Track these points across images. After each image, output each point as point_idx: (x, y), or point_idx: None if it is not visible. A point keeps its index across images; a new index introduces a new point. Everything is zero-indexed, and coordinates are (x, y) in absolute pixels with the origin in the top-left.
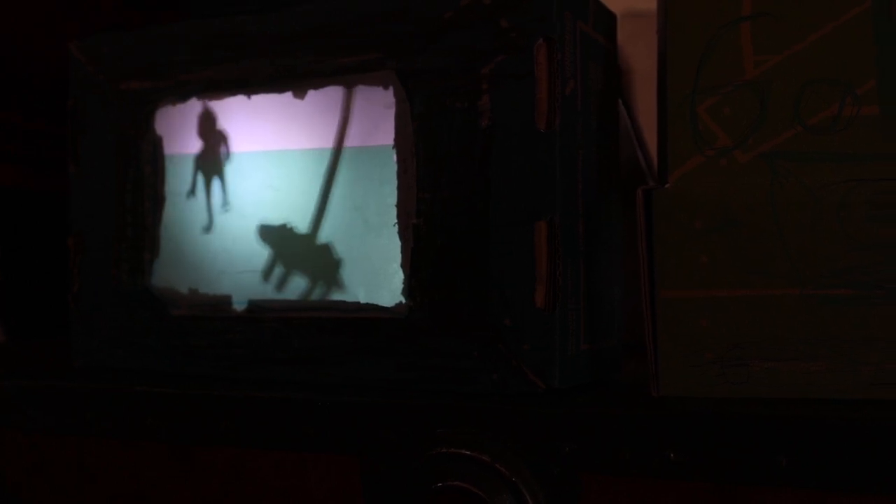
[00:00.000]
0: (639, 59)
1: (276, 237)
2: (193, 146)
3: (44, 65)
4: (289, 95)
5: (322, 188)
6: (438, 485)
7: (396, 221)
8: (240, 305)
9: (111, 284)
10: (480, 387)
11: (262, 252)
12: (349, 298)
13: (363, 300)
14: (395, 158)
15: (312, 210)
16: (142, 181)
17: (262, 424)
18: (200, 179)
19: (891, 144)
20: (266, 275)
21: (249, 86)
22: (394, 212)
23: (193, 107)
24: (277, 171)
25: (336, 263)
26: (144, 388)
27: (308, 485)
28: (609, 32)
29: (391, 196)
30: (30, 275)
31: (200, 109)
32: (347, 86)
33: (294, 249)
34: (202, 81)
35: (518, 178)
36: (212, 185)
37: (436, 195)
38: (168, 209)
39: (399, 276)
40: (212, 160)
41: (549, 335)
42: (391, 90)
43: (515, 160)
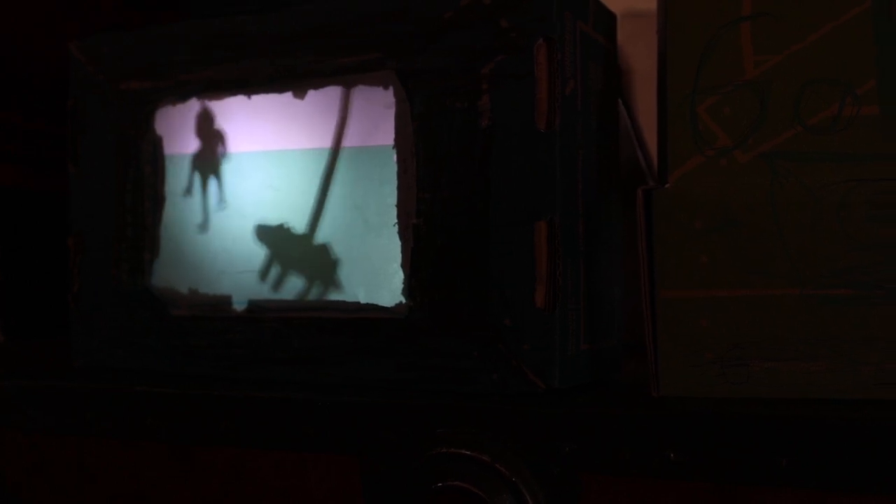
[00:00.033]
0: (639, 59)
1: (273, 237)
2: (193, 146)
3: (44, 65)
4: (289, 95)
5: (320, 188)
6: (438, 485)
7: (396, 221)
8: (240, 305)
9: (111, 284)
10: (480, 387)
11: (261, 252)
12: (347, 298)
13: (363, 300)
14: (395, 158)
15: (310, 210)
16: (142, 181)
17: (263, 424)
18: (197, 178)
19: (891, 144)
20: (263, 275)
21: (249, 86)
22: (394, 212)
23: (193, 107)
24: (278, 171)
25: (333, 263)
26: (144, 388)
27: (308, 485)
28: (609, 32)
29: (391, 196)
30: (30, 275)
31: (199, 109)
32: (347, 86)
33: (291, 249)
34: (202, 81)
35: (518, 178)
36: (208, 185)
37: (436, 195)
38: (168, 209)
39: (399, 276)
40: (209, 159)
41: (549, 335)
42: (391, 90)
43: (515, 160)
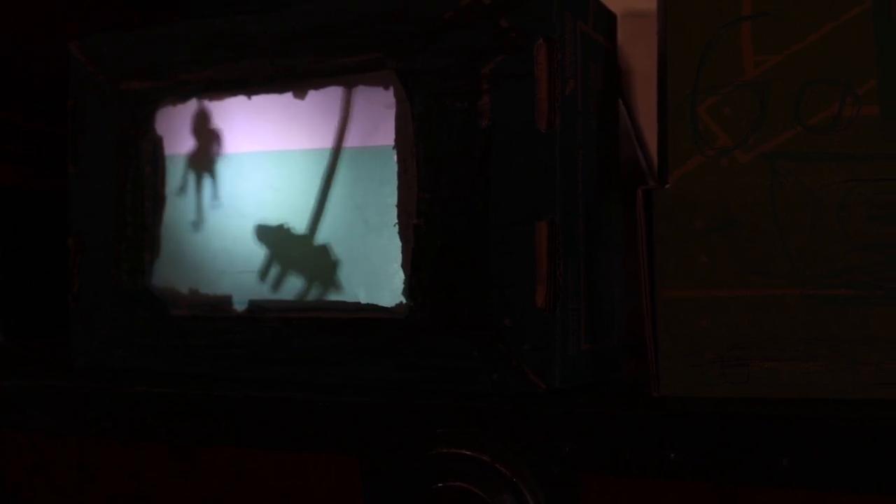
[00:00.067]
0: (639, 59)
1: (273, 237)
2: (188, 145)
3: (44, 65)
4: (289, 96)
5: (321, 189)
6: (439, 485)
7: (397, 221)
8: (240, 305)
9: (111, 284)
10: (480, 387)
11: (261, 252)
12: (346, 299)
13: (363, 300)
14: (396, 158)
15: (310, 210)
16: (142, 181)
17: (263, 424)
18: (192, 177)
19: (891, 144)
20: (262, 275)
21: (249, 86)
22: (394, 212)
23: (193, 107)
24: (278, 172)
25: (333, 264)
26: (144, 388)
27: (308, 485)
28: (609, 32)
29: (391, 196)
30: (30, 275)
31: (197, 109)
32: (348, 86)
33: (291, 250)
34: (202, 81)
35: (518, 178)
36: (202, 183)
37: (436, 195)
38: (168, 209)
39: (399, 277)
40: (203, 158)
41: (550, 335)
42: (391, 90)
43: (516, 160)
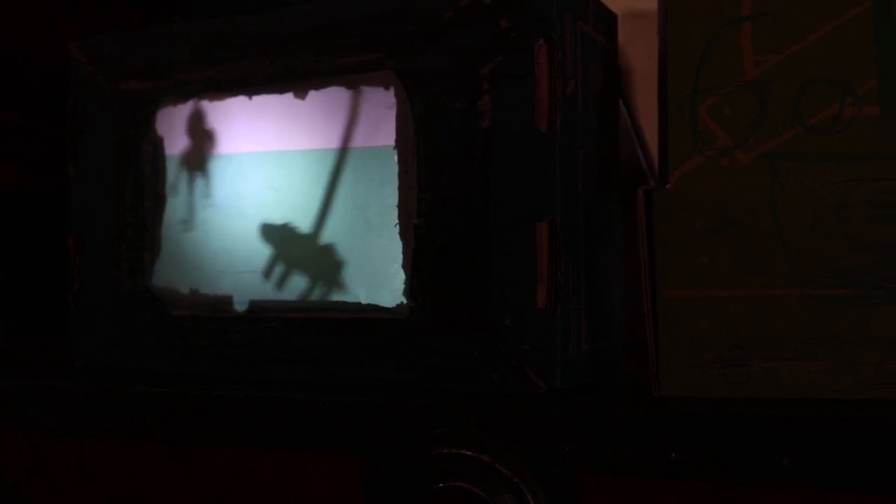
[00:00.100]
0: (639, 60)
1: (278, 236)
2: (181, 144)
3: (44, 65)
4: (290, 96)
5: (326, 189)
6: (439, 485)
7: (397, 222)
8: (240, 306)
9: (111, 284)
10: (481, 387)
11: (263, 252)
12: (349, 299)
13: (364, 301)
14: (396, 159)
15: (314, 210)
16: (142, 181)
17: (263, 424)
18: (184, 176)
19: (891, 144)
20: (266, 273)
21: (250, 86)
22: (395, 212)
23: (192, 107)
24: (279, 172)
25: (338, 264)
26: (144, 388)
27: (308, 485)
28: (609, 32)
29: (392, 196)
30: (30, 275)
31: (192, 109)
32: (348, 86)
33: (295, 249)
34: (202, 81)
35: (519, 178)
36: (194, 183)
37: (436, 195)
38: (168, 209)
39: (400, 277)
40: (196, 158)
41: (550, 335)
42: (392, 90)
43: (516, 160)
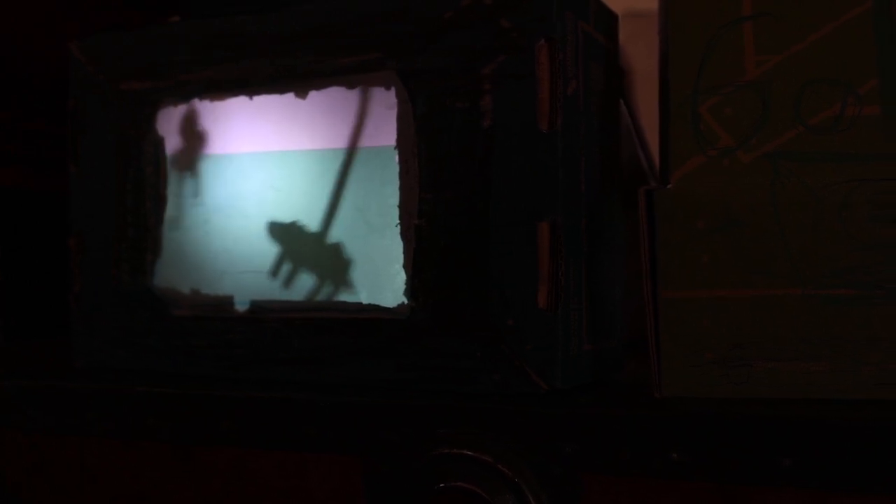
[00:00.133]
0: (640, 60)
1: (285, 235)
2: (173, 144)
3: (44, 65)
4: (290, 96)
5: (333, 188)
6: (440, 485)
7: (399, 222)
8: (241, 306)
9: (112, 285)
10: (482, 387)
11: (265, 252)
12: (357, 298)
13: (365, 301)
14: (398, 159)
15: (320, 210)
16: (143, 181)
17: (264, 425)
18: (174, 176)
19: (892, 144)
20: (274, 272)
21: (250, 86)
22: (396, 213)
23: (197, 107)
24: (280, 172)
25: (346, 263)
26: (146, 389)
27: (309, 485)
28: (610, 32)
29: (393, 197)
30: (30, 275)
31: (187, 109)
32: (349, 86)
33: (303, 247)
34: (202, 81)
35: (520, 179)
36: (184, 183)
37: (438, 196)
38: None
39: (401, 277)
40: (187, 158)
41: (552, 335)
42: (393, 91)
43: (517, 160)
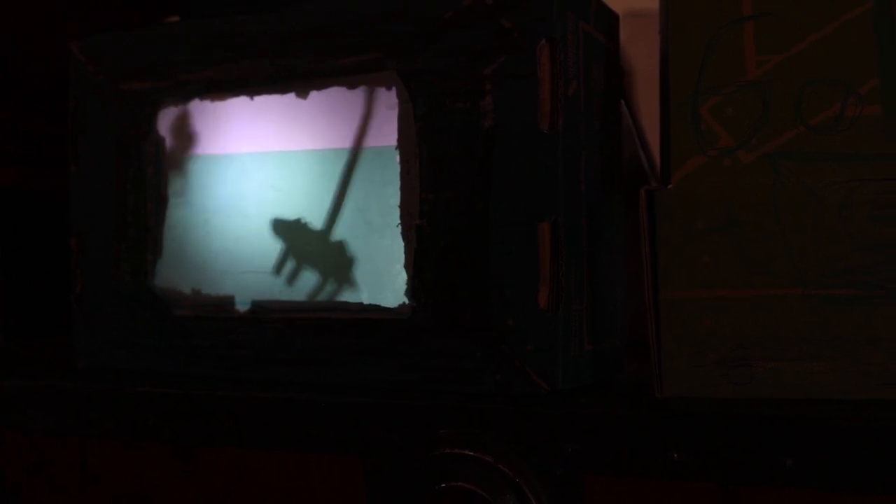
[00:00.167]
0: (640, 60)
1: (289, 232)
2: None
3: (44, 65)
4: (291, 96)
5: (337, 188)
6: (442, 485)
7: (399, 222)
8: (243, 306)
9: (112, 285)
10: (483, 387)
11: (266, 252)
12: (360, 297)
13: (367, 301)
14: (398, 159)
15: (321, 210)
16: (144, 182)
17: (265, 425)
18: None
19: (893, 144)
20: (277, 269)
21: (250, 86)
22: (397, 213)
23: (196, 107)
24: (280, 172)
25: (349, 261)
26: (147, 389)
27: (311, 485)
28: (611, 32)
29: (394, 197)
30: (30, 275)
31: (181, 110)
32: (350, 86)
33: (307, 245)
34: (202, 81)
35: (521, 179)
36: (169, 179)
37: (439, 196)
38: (171, 210)
39: (402, 277)
40: (176, 157)
41: (553, 336)
42: (394, 91)
43: (518, 161)
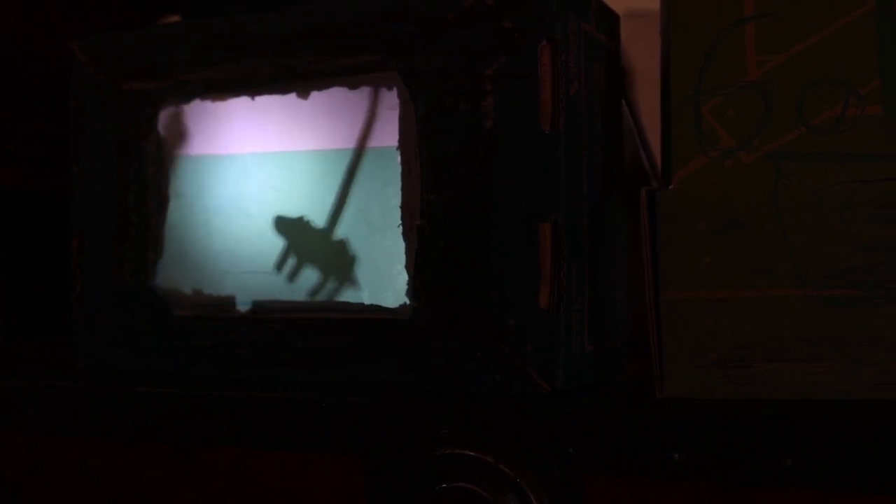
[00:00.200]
0: (640, 60)
1: (292, 229)
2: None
3: (44, 65)
4: (292, 97)
5: (340, 188)
6: (442, 485)
7: (401, 223)
8: (243, 306)
9: (113, 285)
10: (484, 388)
11: (267, 252)
12: (361, 296)
13: (367, 301)
14: (399, 160)
15: (323, 210)
16: (145, 182)
17: (265, 425)
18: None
19: (894, 145)
20: (279, 266)
21: (250, 86)
22: (398, 213)
23: (197, 107)
24: (281, 173)
25: (351, 260)
26: (147, 389)
27: (311, 485)
28: (612, 32)
29: (395, 197)
30: (30, 275)
31: (175, 110)
32: (351, 87)
33: (309, 243)
34: (202, 81)
35: (522, 179)
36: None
37: (440, 196)
38: (172, 210)
39: (403, 278)
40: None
41: (554, 336)
42: (395, 91)
43: (519, 161)
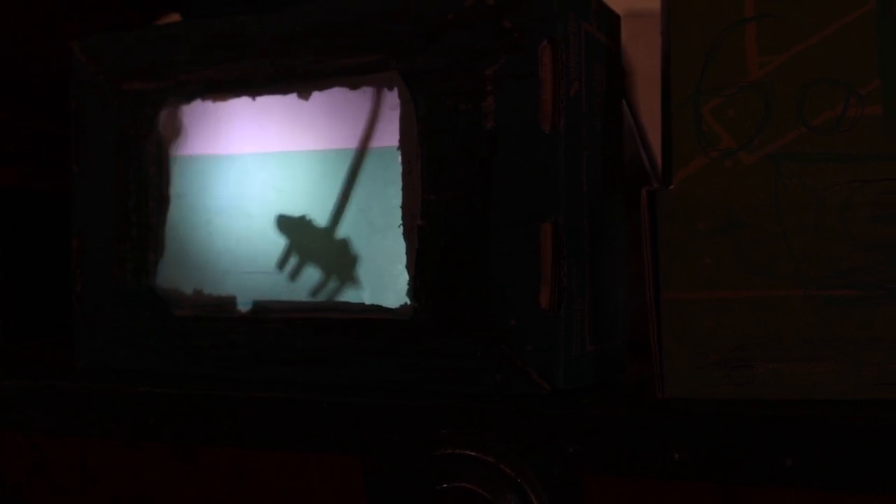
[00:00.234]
0: (640, 60)
1: (294, 228)
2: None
3: (44, 65)
4: (293, 97)
5: (342, 188)
6: (443, 485)
7: (401, 223)
8: (244, 306)
9: (113, 285)
10: (484, 388)
11: (268, 252)
12: (362, 295)
13: (368, 301)
14: (400, 160)
15: (324, 210)
16: (146, 182)
17: (266, 425)
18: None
19: (894, 145)
20: (280, 264)
21: (250, 86)
22: (398, 213)
23: (198, 108)
24: (282, 173)
25: (352, 259)
26: (147, 389)
27: (311, 485)
28: (612, 32)
29: (396, 198)
30: (30, 275)
31: (170, 109)
32: (352, 87)
33: (311, 242)
34: (202, 81)
35: (522, 180)
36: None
37: (440, 197)
38: (173, 210)
39: (404, 278)
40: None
41: (554, 336)
42: (395, 91)
43: (519, 161)
